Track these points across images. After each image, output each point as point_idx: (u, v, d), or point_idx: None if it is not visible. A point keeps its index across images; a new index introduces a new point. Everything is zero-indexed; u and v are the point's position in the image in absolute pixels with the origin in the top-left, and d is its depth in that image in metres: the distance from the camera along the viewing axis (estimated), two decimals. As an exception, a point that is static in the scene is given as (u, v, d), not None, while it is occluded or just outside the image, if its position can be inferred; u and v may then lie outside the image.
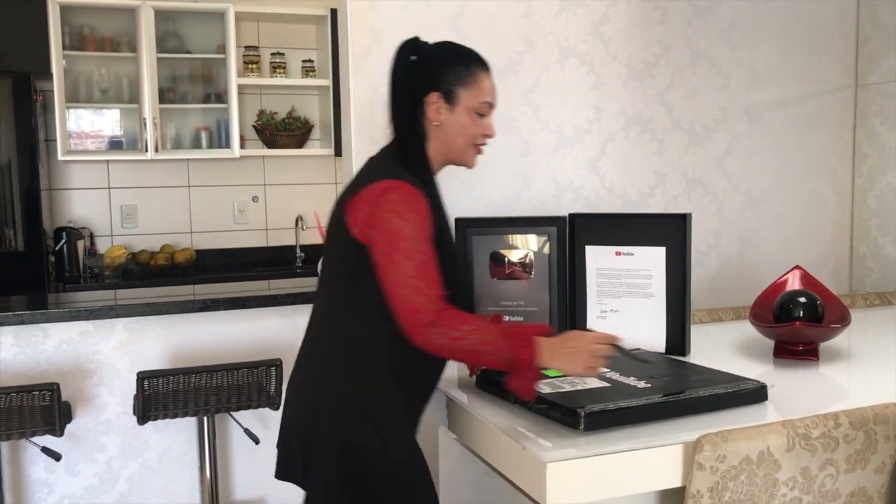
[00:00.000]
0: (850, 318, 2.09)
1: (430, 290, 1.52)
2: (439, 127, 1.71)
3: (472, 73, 1.72)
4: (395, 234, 1.54)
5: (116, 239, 4.53)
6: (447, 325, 1.50)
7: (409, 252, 1.53)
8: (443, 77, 1.70)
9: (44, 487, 2.54)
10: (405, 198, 1.57)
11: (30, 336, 2.49)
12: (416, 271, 1.52)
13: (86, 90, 4.37)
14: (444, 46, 1.79)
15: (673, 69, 2.99)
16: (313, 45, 4.80)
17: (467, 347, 1.51)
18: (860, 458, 1.52)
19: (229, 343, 2.68)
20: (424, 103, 1.70)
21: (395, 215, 1.55)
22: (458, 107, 1.71)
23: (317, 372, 1.70)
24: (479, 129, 1.74)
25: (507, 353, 1.51)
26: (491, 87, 1.76)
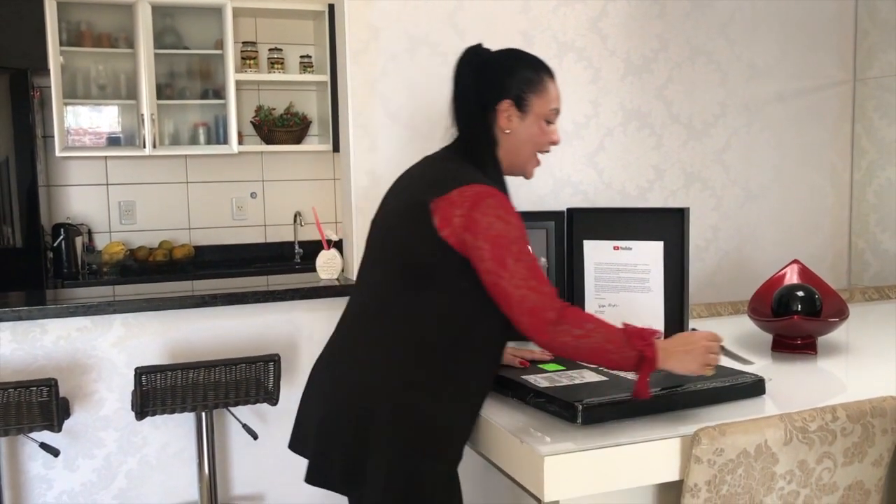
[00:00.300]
0: (848, 311, 2.09)
1: (546, 287, 1.52)
2: (510, 135, 1.70)
3: (542, 79, 1.71)
4: (503, 238, 1.52)
5: (115, 235, 4.52)
6: (571, 323, 1.50)
7: (518, 255, 1.52)
8: (514, 84, 1.69)
9: (42, 483, 2.54)
10: (504, 203, 1.57)
11: (27, 332, 2.48)
12: (529, 273, 1.52)
13: (83, 86, 4.36)
14: (512, 53, 1.76)
15: (671, 64, 2.98)
16: (311, 40, 4.79)
17: (592, 345, 1.50)
18: (857, 452, 1.52)
19: (227, 339, 2.68)
20: (496, 111, 1.68)
21: (498, 220, 1.53)
22: (529, 114, 1.70)
23: (374, 374, 1.60)
24: (547, 137, 1.74)
25: (632, 352, 1.50)
26: (557, 93, 1.74)
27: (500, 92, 1.68)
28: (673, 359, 1.54)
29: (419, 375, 1.57)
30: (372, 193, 2.67)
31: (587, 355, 1.53)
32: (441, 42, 2.69)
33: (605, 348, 1.50)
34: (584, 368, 1.77)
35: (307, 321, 2.72)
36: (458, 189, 1.56)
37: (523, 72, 1.70)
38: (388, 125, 2.66)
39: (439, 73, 2.70)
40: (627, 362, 1.51)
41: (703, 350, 1.55)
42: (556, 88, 1.74)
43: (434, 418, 1.56)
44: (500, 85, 1.69)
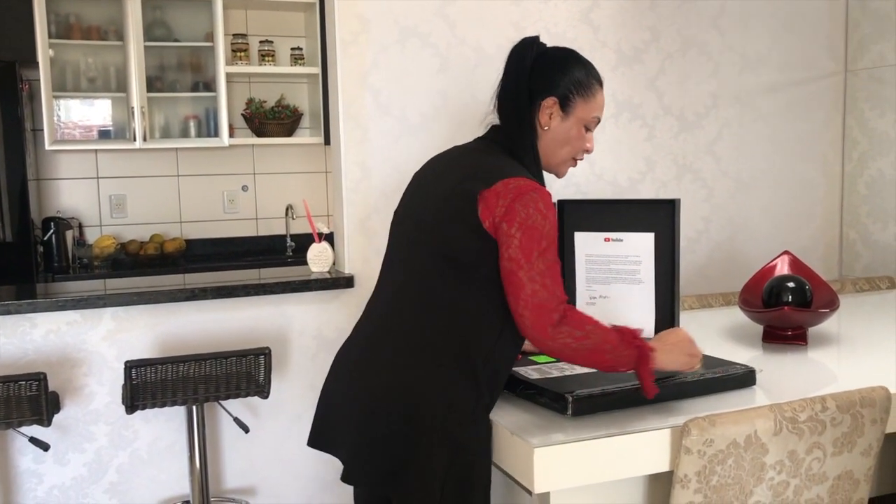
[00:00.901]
0: (839, 302, 2.09)
1: (558, 290, 1.52)
2: (548, 132, 1.69)
3: (591, 84, 1.70)
4: (537, 231, 1.52)
5: (105, 229, 4.50)
6: (572, 325, 1.50)
7: (545, 251, 1.52)
8: (563, 83, 1.68)
9: (33, 478, 2.53)
10: (545, 199, 1.56)
11: (16, 326, 2.47)
12: (548, 271, 1.51)
13: (73, 79, 4.33)
14: (569, 53, 1.74)
15: (663, 55, 2.98)
16: (302, 32, 4.77)
17: (590, 347, 1.50)
18: (847, 442, 1.52)
19: (218, 332, 2.67)
20: (540, 106, 1.68)
21: (538, 213, 1.53)
22: (571, 117, 1.69)
23: (420, 370, 1.57)
24: (583, 144, 1.73)
25: (628, 351, 1.51)
26: (602, 102, 1.74)
27: (548, 87, 1.67)
28: (664, 355, 1.55)
29: (465, 370, 1.55)
30: (363, 186, 2.66)
31: (585, 357, 1.52)
32: (431, 33, 2.68)
33: (602, 349, 1.50)
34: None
35: (298, 314, 2.72)
36: (504, 181, 1.55)
37: (575, 73, 1.69)
38: (378, 117, 2.65)
39: (430, 64, 2.69)
40: (624, 361, 1.52)
41: (687, 344, 1.57)
42: (602, 97, 1.73)
43: (477, 413, 1.56)
44: (549, 80, 1.68)
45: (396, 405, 1.55)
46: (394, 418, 1.54)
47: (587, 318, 1.53)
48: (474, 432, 1.55)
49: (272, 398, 2.53)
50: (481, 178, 1.57)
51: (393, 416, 1.54)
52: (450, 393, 1.54)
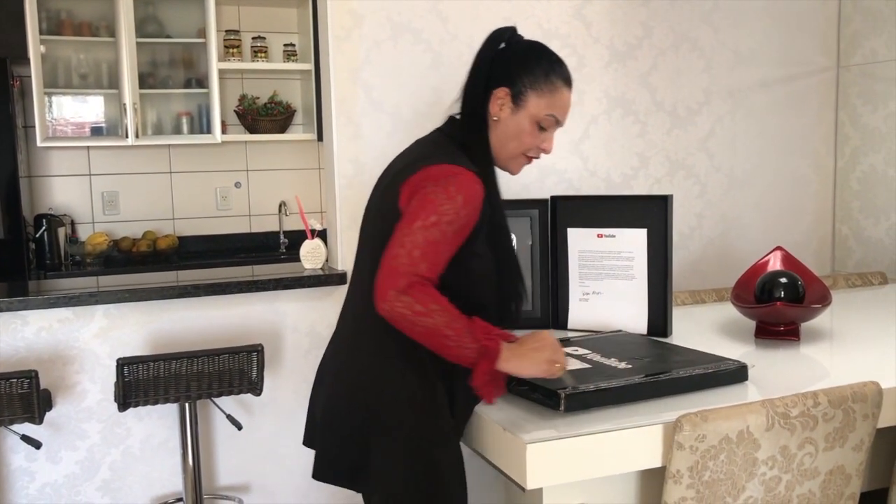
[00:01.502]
0: (831, 298, 2.10)
1: (422, 264, 1.44)
2: (497, 123, 1.64)
3: (550, 81, 1.64)
4: (432, 205, 1.47)
5: (98, 226, 4.49)
6: (415, 298, 1.42)
7: (433, 225, 1.46)
8: (518, 75, 1.63)
9: (25, 476, 2.52)
10: (464, 183, 1.51)
11: (8, 323, 2.46)
12: (424, 243, 1.45)
13: (64, 76, 4.31)
14: (533, 46, 1.70)
15: (656, 51, 2.98)
16: (295, 28, 4.76)
17: (429, 326, 1.42)
18: (839, 437, 1.53)
19: (211, 329, 2.66)
20: (492, 95, 1.64)
21: (444, 191, 1.49)
22: (523, 110, 1.63)
23: (361, 361, 1.61)
24: (536, 141, 1.66)
25: (472, 344, 1.44)
26: (563, 103, 1.67)
27: (503, 78, 1.63)
28: (518, 359, 1.48)
29: (413, 365, 1.56)
30: (356, 182, 2.65)
31: (423, 335, 1.44)
32: (424, 29, 2.67)
33: (442, 333, 1.43)
34: (567, 356, 1.76)
35: (291, 311, 2.71)
36: (426, 168, 1.54)
37: (534, 67, 1.63)
38: (371, 113, 2.64)
39: (423, 60, 2.69)
40: (466, 353, 1.45)
41: (547, 350, 1.50)
42: (562, 99, 1.66)
43: (434, 405, 1.56)
44: (506, 71, 1.63)
45: (353, 403, 1.58)
46: (353, 417, 1.58)
47: (438, 300, 1.44)
48: (432, 426, 1.55)
49: (265, 395, 2.52)
50: (410, 168, 1.57)
51: (352, 415, 1.58)
52: (401, 388, 1.56)
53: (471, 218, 1.52)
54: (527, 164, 1.72)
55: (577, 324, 2.19)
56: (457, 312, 1.46)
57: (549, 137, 1.68)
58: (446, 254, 1.49)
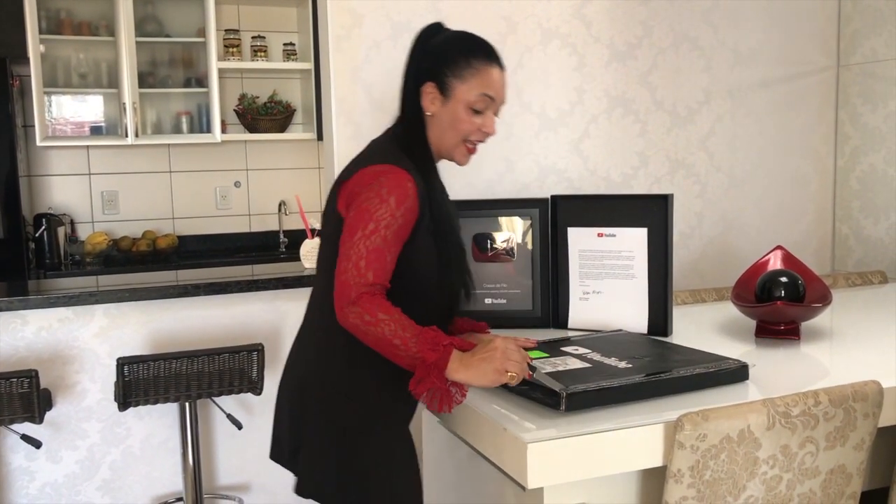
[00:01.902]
0: (832, 297, 2.09)
1: (369, 273, 1.50)
2: (433, 117, 1.66)
3: (471, 65, 1.64)
4: (368, 213, 1.53)
5: (98, 225, 4.49)
6: (364, 308, 1.47)
7: (372, 233, 1.51)
8: (441, 67, 1.64)
9: (25, 475, 2.52)
10: (393, 182, 1.54)
11: (8, 323, 2.46)
12: (367, 252, 1.51)
13: (64, 75, 4.31)
14: (453, 36, 1.71)
15: (656, 50, 2.98)
16: (294, 27, 4.76)
17: (378, 334, 1.47)
18: (840, 436, 1.53)
19: (211, 328, 2.66)
20: (422, 92, 1.66)
21: (376, 195, 1.53)
22: (452, 100, 1.64)
23: (306, 354, 1.70)
24: (473, 126, 1.66)
25: (414, 352, 1.46)
26: (492, 81, 1.66)
27: (428, 73, 1.65)
28: (466, 369, 1.47)
29: (336, 343, 1.61)
30: (355, 181, 2.65)
31: (374, 344, 1.49)
32: (424, 28, 2.67)
33: (391, 342, 1.47)
34: (567, 356, 1.76)
35: (291, 310, 2.71)
36: (363, 170, 1.59)
37: (454, 56, 1.65)
38: (371, 112, 2.64)
39: (423, 59, 2.68)
40: (417, 364, 1.47)
41: (497, 358, 1.48)
42: (492, 76, 1.66)
43: (361, 393, 1.61)
44: (430, 66, 1.66)
45: (291, 384, 1.71)
46: (288, 398, 1.71)
47: (388, 309, 1.48)
48: (360, 413, 1.61)
49: (265, 395, 2.52)
50: (347, 172, 1.63)
51: (288, 396, 1.71)
52: (328, 377, 1.63)
53: (407, 216, 1.56)
54: (472, 153, 1.71)
55: (577, 323, 2.19)
56: (407, 322, 1.49)
57: (488, 118, 1.68)
58: (391, 256, 1.54)
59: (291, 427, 1.69)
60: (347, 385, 1.62)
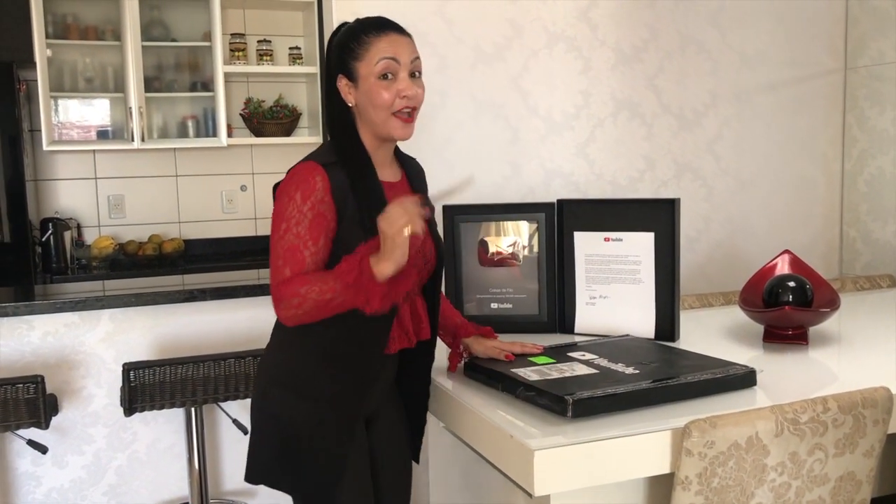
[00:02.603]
0: (840, 301, 2.08)
1: (287, 270, 1.53)
2: (356, 107, 1.66)
3: (363, 42, 1.63)
4: (279, 215, 1.56)
5: (104, 229, 4.49)
6: (286, 298, 1.51)
7: (284, 232, 1.55)
8: (341, 58, 1.65)
9: (31, 480, 2.52)
10: (297, 178, 1.57)
11: (14, 328, 2.46)
12: (283, 252, 1.54)
13: (70, 79, 4.32)
14: (348, 26, 1.69)
15: (662, 54, 2.97)
16: (300, 31, 4.76)
17: (313, 306, 1.50)
18: (849, 443, 1.52)
19: (217, 333, 2.66)
20: (338, 89, 1.67)
21: (284, 195, 1.57)
22: (360, 80, 1.63)
23: (264, 355, 1.77)
24: (390, 94, 1.61)
25: (344, 288, 1.48)
26: (389, 44, 1.62)
27: (335, 69, 1.67)
28: (387, 261, 1.47)
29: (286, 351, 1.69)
30: (361, 186, 2.65)
31: (319, 314, 1.52)
32: (429, 32, 2.67)
33: (326, 301, 1.49)
34: (574, 362, 1.76)
35: (297, 315, 2.71)
36: (289, 172, 1.62)
37: (345, 42, 1.65)
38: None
39: (429, 63, 2.68)
40: (354, 300, 1.49)
41: (389, 228, 1.47)
42: (383, 42, 1.62)
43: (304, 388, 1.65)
44: (334, 63, 1.67)
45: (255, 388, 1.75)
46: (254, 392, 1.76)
47: (301, 282, 1.50)
48: (300, 409, 1.63)
49: (271, 399, 2.51)
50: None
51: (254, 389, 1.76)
52: (273, 373, 1.69)
53: (319, 207, 1.55)
54: (408, 122, 1.65)
55: (583, 328, 2.18)
56: (322, 275, 1.52)
57: (402, 81, 1.62)
58: (310, 250, 1.55)
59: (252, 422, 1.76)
60: (296, 382, 1.66)
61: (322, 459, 1.65)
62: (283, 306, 1.52)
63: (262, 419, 1.71)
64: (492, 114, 2.74)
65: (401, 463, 1.86)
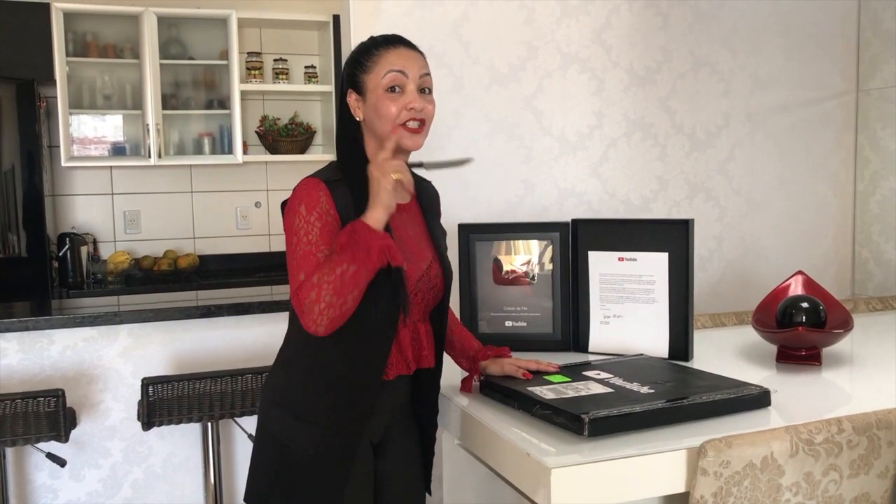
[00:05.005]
0: (853, 322, 2.09)
1: (301, 275, 1.51)
2: (364, 122, 1.67)
3: (372, 55, 1.64)
4: (289, 231, 1.57)
5: (119, 245, 4.54)
6: (304, 295, 1.47)
7: (295, 245, 1.54)
8: (351, 74, 1.67)
9: (48, 493, 2.55)
10: (301, 193, 1.57)
11: (35, 342, 2.50)
12: (298, 261, 1.53)
13: (89, 96, 4.38)
14: (360, 43, 1.72)
15: (675, 75, 3.00)
16: (315, 50, 4.81)
17: (332, 291, 1.46)
18: (864, 464, 1.52)
19: (232, 349, 2.68)
20: (347, 105, 1.68)
21: (292, 211, 1.57)
22: (368, 93, 1.64)
23: (269, 374, 1.77)
24: (397, 106, 1.61)
25: (361, 253, 1.47)
26: (397, 57, 1.63)
27: (345, 84, 1.68)
28: (378, 209, 1.50)
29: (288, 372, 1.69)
30: (377, 204, 2.68)
31: (342, 295, 1.47)
32: (446, 53, 2.70)
33: (336, 277, 1.46)
34: (590, 380, 1.77)
35: (312, 331, 2.73)
36: (294, 188, 1.62)
37: (355, 58, 1.67)
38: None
39: (444, 84, 2.72)
40: (367, 263, 1.48)
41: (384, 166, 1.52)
42: (391, 54, 1.63)
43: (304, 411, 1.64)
44: (345, 79, 1.69)
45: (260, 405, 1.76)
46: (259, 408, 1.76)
47: (311, 272, 1.49)
48: (299, 432, 1.63)
49: (286, 415, 2.53)
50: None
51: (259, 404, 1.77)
52: (275, 394, 1.69)
53: (325, 218, 1.55)
54: (417, 133, 1.64)
55: (597, 347, 2.19)
56: (329, 261, 1.49)
57: (409, 94, 1.62)
58: (322, 251, 1.53)
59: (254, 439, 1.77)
60: (293, 403, 1.65)
61: (319, 485, 1.63)
62: (307, 310, 1.47)
63: (262, 438, 1.71)
64: (506, 133, 2.77)
65: (413, 486, 1.84)
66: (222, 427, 2.66)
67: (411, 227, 1.72)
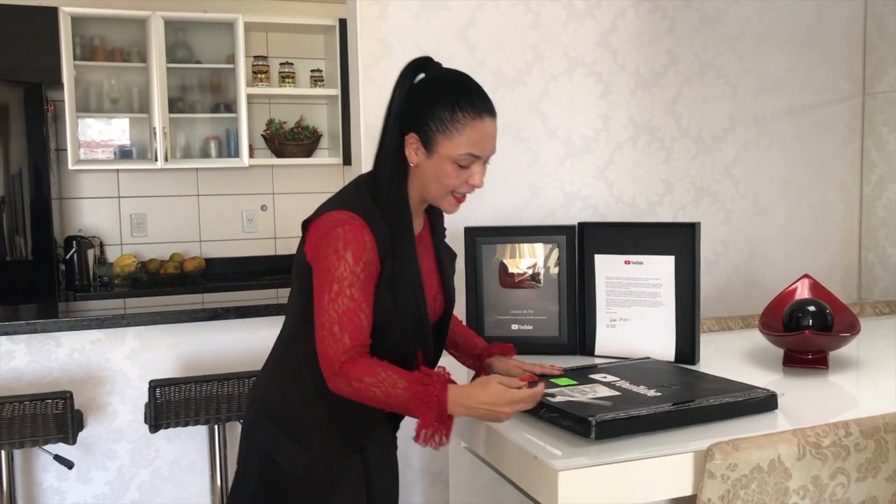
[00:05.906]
0: (860, 326, 2.09)
1: (346, 338, 1.49)
2: (415, 168, 1.59)
3: (457, 120, 1.54)
4: (329, 273, 1.50)
5: (126, 248, 4.55)
6: (350, 377, 1.47)
7: (337, 295, 1.49)
8: (424, 119, 1.55)
9: (56, 495, 2.56)
10: (349, 235, 1.50)
11: (42, 345, 2.50)
12: (338, 317, 1.49)
13: (96, 100, 4.40)
14: (443, 82, 1.60)
15: (681, 78, 3.00)
16: (322, 54, 4.83)
17: (370, 397, 1.48)
18: (871, 467, 1.52)
19: (239, 351, 2.69)
20: (405, 141, 1.58)
21: (334, 252, 1.50)
22: (435, 154, 1.56)
23: (263, 374, 1.74)
24: (460, 180, 1.58)
25: (410, 409, 1.48)
26: (480, 136, 1.55)
27: (412, 122, 1.56)
28: (465, 405, 1.49)
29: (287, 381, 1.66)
30: (383, 207, 2.68)
31: (371, 403, 1.50)
32: (452, 57, 2.71)
33: (385, 402, 1.48)
34: (596, 384, 1.77)
35: (319, 334, 2.74)
36: (326, 214, 1.55)
37: (440, 109, 1.54)
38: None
39: (450, 88, 2.72)
40: (414, 413, 1.48)
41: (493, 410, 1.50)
42: (480, 131, 1.55)
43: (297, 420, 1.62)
44: (415, 114, 1.56)
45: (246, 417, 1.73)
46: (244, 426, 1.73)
47: (370, 370, 1.47)
48: (287, 448, 1.61)
49: (292, 418, 2.54)
50: (318, 210, 1.60)
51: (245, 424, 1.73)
52: (266, 406, 1.66)
53: (369, 268, 1.53)
54: (460, 202, 1.64)
55: (604, 350, 2.20)
56: (394, 377, 1.48)
57: (476, 171, 1.59)
58: (364, 313, 1.52)
59: (240, 451, 1.73)
60: (291, 420, 1.63)
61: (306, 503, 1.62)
62: (342, 382, 1.48)
63: (249, 450, 1.69)
64: (512, 137, 2.77)
65: (389, 474, 1.84)
66: (229, 430, 2.66)
67: (425, 259, 1.70)
